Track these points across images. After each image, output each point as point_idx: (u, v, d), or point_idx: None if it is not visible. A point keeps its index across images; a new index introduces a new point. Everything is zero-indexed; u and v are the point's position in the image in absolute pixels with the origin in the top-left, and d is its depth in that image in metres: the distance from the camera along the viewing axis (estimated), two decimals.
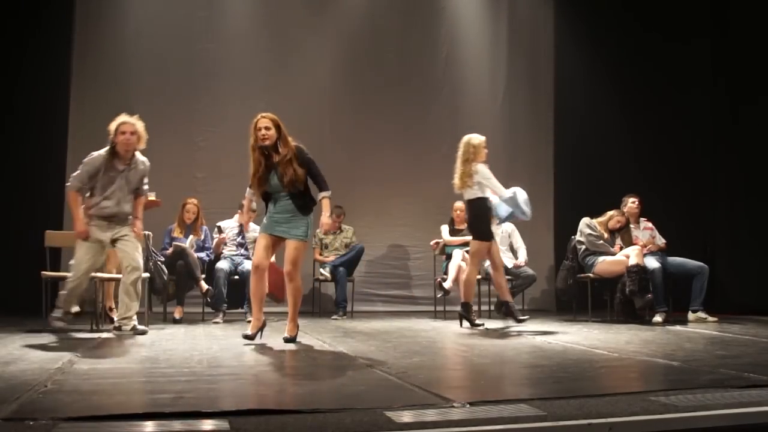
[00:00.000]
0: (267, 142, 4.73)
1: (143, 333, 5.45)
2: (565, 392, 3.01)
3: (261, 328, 4.91)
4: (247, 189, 5.01)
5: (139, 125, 5.40)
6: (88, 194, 5.46)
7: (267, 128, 4.72)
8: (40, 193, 7.83)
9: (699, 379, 3.35)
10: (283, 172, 4.72)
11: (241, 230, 7.33)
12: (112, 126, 5.38)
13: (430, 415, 2.57)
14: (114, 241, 5.47)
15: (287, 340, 4.89)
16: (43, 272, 5.85)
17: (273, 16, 8.90)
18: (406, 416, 2.52)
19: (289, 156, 4.74)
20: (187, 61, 8.53)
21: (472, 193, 6.23)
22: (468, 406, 2.70)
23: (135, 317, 5.48)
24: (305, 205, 4.85)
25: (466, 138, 6.36)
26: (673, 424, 2.50)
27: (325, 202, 4.92)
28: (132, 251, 5.45)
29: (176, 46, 8.49)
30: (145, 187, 5.64)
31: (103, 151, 5.42)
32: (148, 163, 5.60)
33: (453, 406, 2.70)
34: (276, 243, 4.90)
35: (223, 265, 7.11)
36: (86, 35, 8.30)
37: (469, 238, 7.76)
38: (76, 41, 8.25)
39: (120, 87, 8.26)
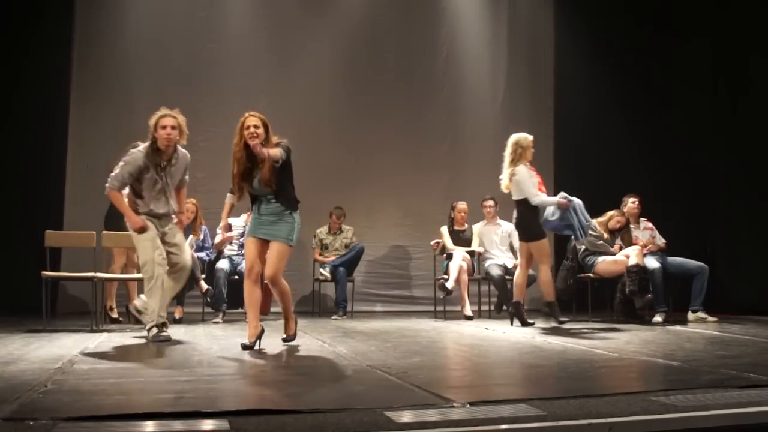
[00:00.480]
0: (255, 141, 4.52)
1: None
2: (565, 392, 3.01)
3: (259, 336, 4.69)
4: (228, 194, 4.88)
5: (181, 119, 5.05)
6: (128, 191, 5.15)
7: (256, 126, 4.55)
8: (40, 193, 7.83)
9: (699, 379, 3.35)
10: (262, 172, 4.58)
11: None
12: (152, 120, 5.02)
13: (430, 415, 2.57)
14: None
15: (286, 340, 4.84)
16: (43, 272, 5.84)
17: (273, 16, 8.91)
18: (406, 416, 2.52)
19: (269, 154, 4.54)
20: (187, 61, 8.53)
21: (519, 192, 6.28)
22: (468, 406, 2.70)
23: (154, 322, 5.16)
24: (289, 202, 4.66)
25: (514, 138, 6.38)
26: (673, 424, 2.50)
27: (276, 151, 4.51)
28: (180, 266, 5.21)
29: (176, 46, 8.49)
30: (186, 177, 5.34)
31: (142, 148, 5.08)
32: (188, 155, 5.26)
33: (453, 406, 2.70)
34: (264, 245, 4.69)
35: (222, 265, 7.11)
36: (86, 35, 8.31)
37: (471, 248, 7.78)
38: (76, 41, 8.25)
39: (120, 87, 8.27)
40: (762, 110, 8.25)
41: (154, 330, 4.99)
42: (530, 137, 6.37)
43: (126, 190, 5.19)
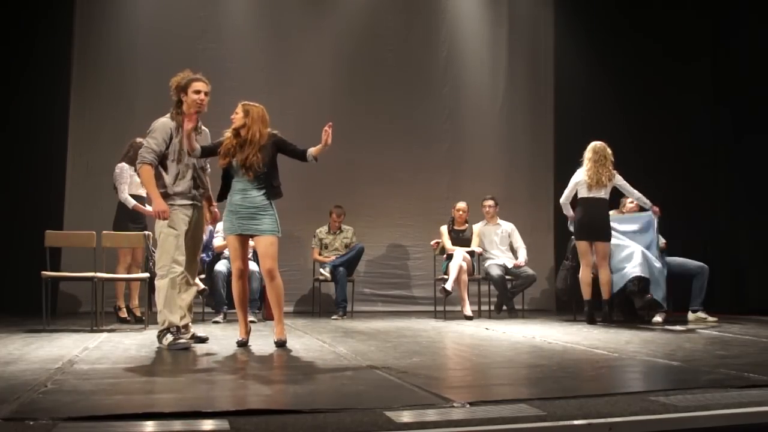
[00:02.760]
0: (234, 125, 4.78)
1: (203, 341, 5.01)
2: (565, 392, 3.01)
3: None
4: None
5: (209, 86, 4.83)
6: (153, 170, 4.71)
7: (236, 113, 4.80)
8: (40, 193, 7.83)
9: (699, 379, 3.35)
10: (243, 154, 4.67)
11: None
12: (179, 82, 4.78)
13: (430, 415, 2.57)
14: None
15: (279, 344, 4.70)
16: (43, 272, 5.84)
17: (273, 16, 8.90)
18: (406, 416, 2.52)
19: (250, 138, 4.68)
20: (187, 61, 8.39)
21: (605, 193, 6.69)
22: (468, 406, 2.70)
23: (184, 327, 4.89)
24: (270, 191, 4.72)
25: (602, 144, 6.81)
26: (673, 424, 2.50)
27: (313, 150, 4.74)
28: (194, 269, 4.90)
29: (176, 46, 8.47)
30: (207, 165, 4.99)
31: (168, 116, 4.79)
32: (208, 132, 5.03)
33: (453, 406, 2.70)
34: (246, 242, 4.80)
35: (221, 266, 7.11)
36: (86, 35, 8.30)
37: (471, 248, 7.77)
38: (76, 41, 8.25)
39: (120, 87, 8.27)
40: (762, 110, 8.25)
41: (169, 337, 4.63)
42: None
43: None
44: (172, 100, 4.86)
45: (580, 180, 6.78)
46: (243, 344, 4.78)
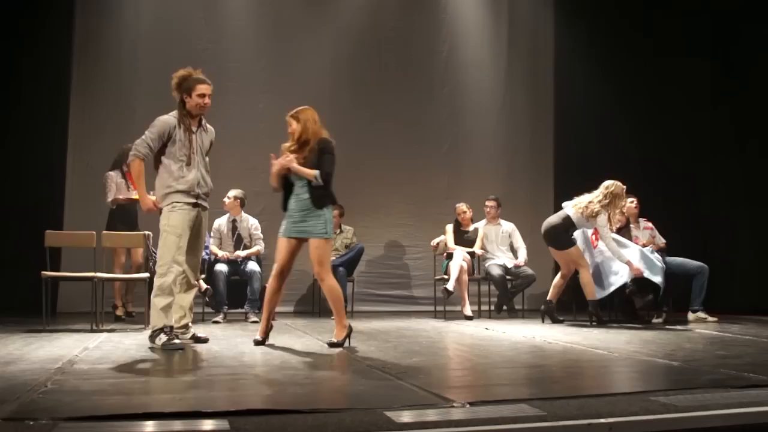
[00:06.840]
0: (295, 136, 4.83)
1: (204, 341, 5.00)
2: (565, 392, 3.01)
3: (267, 333, 4.87)
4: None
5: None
6: (160, 170, 4.74)
7: (290, 125, 4.84)
8: (40, 193, 7.84)
9: (699, 379, 3.35)
10: (299, 156, 4.77)
11: (234, 225, 7.36)
12: (182, 81, 4.79)
13: (430, 415, 2.57)
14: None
15: (333, 345, 4.69)
16: (43, 272, 5.83)
17: (273, 16, 8.91)
18: (406, 416, 2.52)
19: (303, 142, 4.77)
20: (187, 61, 8.34)
21: (572, 214, 6.63)
22: (468, 406, 2.70)
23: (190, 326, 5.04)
24: (321, 196, 4.73)
25: (613, 187, 6.61)
26: (673, 424, 2.50)
27: (310, 171, 4.72)
28: (196, 269, 4.95)
29: (176, 46, 8.47)
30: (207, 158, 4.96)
31: (171, 114, 4.79)
32: (213, 130, 5.01)
33: (453, 406, 2.70)
34: (296, 244, 4.82)
35: (221, 266, 7.11)
36: (87, 35, 8.31)
37: (472, 249, 7.78)
38: (76, 41, 8.26)
39: (120, 87, 8.27)
40: (761, 109, 8.25)
41: (162, 337, 4.58)
42: (624, 187, 6.68)
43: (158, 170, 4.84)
44: (174, 98, 4.84)
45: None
46: (259, 343, 4.76)
